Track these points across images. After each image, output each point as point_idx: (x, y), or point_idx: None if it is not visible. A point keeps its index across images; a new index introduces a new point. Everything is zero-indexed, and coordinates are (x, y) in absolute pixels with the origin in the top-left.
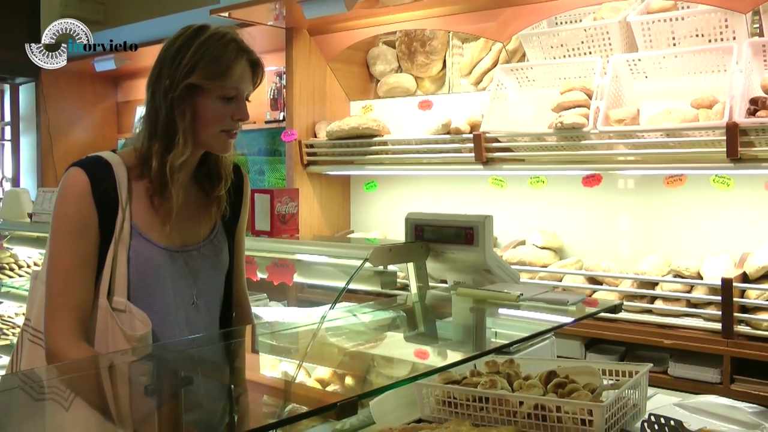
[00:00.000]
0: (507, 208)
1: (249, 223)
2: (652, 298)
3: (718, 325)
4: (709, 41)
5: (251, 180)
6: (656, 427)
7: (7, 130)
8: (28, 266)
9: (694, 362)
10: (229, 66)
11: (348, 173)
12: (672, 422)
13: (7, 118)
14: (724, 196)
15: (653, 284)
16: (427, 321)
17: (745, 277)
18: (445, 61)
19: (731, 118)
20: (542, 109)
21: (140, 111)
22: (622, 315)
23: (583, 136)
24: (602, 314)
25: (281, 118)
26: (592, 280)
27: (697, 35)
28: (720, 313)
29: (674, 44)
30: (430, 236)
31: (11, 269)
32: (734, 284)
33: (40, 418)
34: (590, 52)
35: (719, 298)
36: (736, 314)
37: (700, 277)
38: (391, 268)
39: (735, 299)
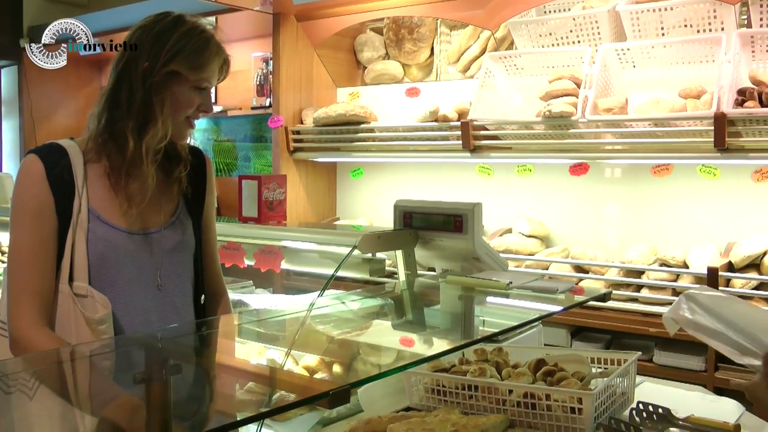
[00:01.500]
0: (494, 196)
1: (236, 210)
2: (638, 287)
3: None
4: (698, 31)
5: (237, 167)
6: (645, 414)
7: None
8: None
9: (679, 350)
10: (208, 60)
11: (334, 160)
12: (660, 410)
13: None
14: (711, 185)
15: (639, 273)
16: (416, 309)
17: (730, 267)
18: (432, 49)
19: (719, 108)
20: (530, 97)
21: None
22: (608, 303)
23: (571, 125)
24: (589, 302)
25: (267, 104)
26: (579, 268)
27: (685, 25)
28: None
29: (663, 34)
30: (418, 224)
31: None
32: (720, 273)
33: (6, 410)
34: (579, 41)
35: (705, 287)
36: None
37: (686, 266)
38: (379, 255)
39: (720, 288)
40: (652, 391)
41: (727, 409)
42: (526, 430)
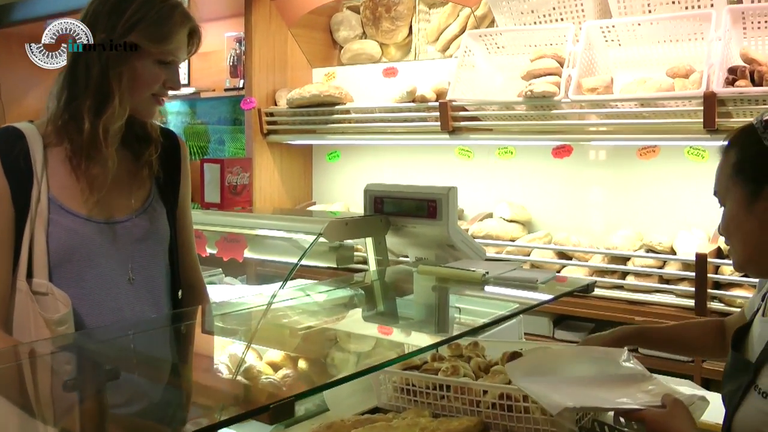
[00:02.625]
0: (474, 180)
1: (198, 195)
2: (623, 274)
3: (691, 302)
4: (686, 8)
5: (211, 150)
6: None
7: None
8: None
9: None
10: (172, 31)
11: (310, 143)
12: None
13: None
14: (699, 168)
15: (624, 259)
16: (386, 301)
17: (719, 253)
18: (411, 27)
19: (708, 87)
20: (512, 77)
21: None
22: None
23: (554, 106)
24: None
25: (241, 85)
26: (562, 254)
27: (673, 2)
28: (693, 289)
29: (649, 11)
30: (390, 209)
31: None
32: (708, 260)
33: None
34: (562, 19)
35: (692, 273)
36: (709, 290)
37: (673, 252)
38: (349, 242)
39: (709, 275)
40: None
41: (715, 405)
42: None
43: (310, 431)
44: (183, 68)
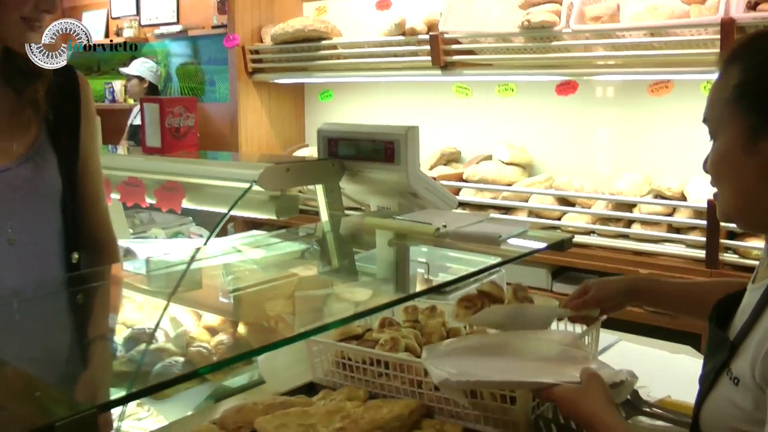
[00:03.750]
0: (472, 119)
1: (140, 139)
2: (629, 222)
3: (701, 253)
4: None
5: (201, 91)
6: None
7: None
8: None
9: None
10: None
11: (300, 81)
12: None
13: None
14: None
15: (631, 206)
16: (332, 258)
17: None
18: None
19: (727, 13)
20: (511, 7)
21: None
22: (595, 240)
23: (555, 37)
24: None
25: None
26: (563, 200)
27: None
28: (705, 239)
29: None
30: (344, 152)
31: None
32: None
33: None
34: None
35: (704, 222)
36: (722, 241)
37: (684, 198)
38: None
39: (722, 224)
40: (627, 356)
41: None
42: (447, 422)
43: (220, 415)
44: (172, 5)
